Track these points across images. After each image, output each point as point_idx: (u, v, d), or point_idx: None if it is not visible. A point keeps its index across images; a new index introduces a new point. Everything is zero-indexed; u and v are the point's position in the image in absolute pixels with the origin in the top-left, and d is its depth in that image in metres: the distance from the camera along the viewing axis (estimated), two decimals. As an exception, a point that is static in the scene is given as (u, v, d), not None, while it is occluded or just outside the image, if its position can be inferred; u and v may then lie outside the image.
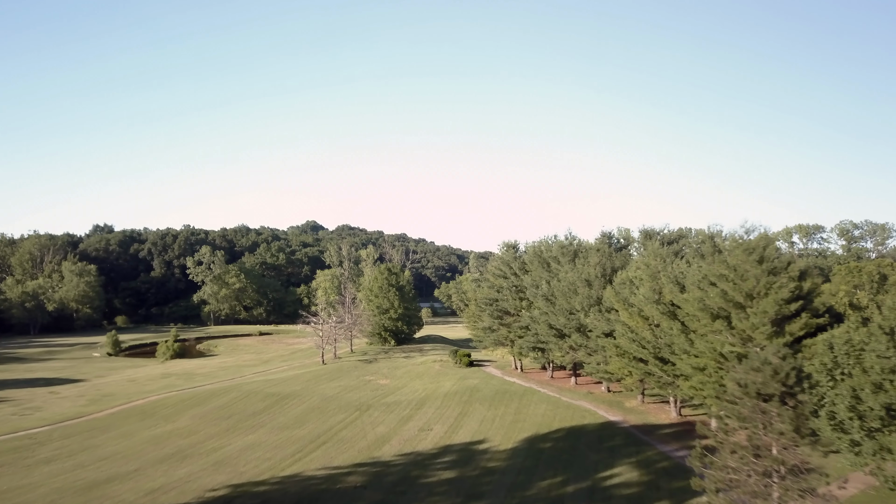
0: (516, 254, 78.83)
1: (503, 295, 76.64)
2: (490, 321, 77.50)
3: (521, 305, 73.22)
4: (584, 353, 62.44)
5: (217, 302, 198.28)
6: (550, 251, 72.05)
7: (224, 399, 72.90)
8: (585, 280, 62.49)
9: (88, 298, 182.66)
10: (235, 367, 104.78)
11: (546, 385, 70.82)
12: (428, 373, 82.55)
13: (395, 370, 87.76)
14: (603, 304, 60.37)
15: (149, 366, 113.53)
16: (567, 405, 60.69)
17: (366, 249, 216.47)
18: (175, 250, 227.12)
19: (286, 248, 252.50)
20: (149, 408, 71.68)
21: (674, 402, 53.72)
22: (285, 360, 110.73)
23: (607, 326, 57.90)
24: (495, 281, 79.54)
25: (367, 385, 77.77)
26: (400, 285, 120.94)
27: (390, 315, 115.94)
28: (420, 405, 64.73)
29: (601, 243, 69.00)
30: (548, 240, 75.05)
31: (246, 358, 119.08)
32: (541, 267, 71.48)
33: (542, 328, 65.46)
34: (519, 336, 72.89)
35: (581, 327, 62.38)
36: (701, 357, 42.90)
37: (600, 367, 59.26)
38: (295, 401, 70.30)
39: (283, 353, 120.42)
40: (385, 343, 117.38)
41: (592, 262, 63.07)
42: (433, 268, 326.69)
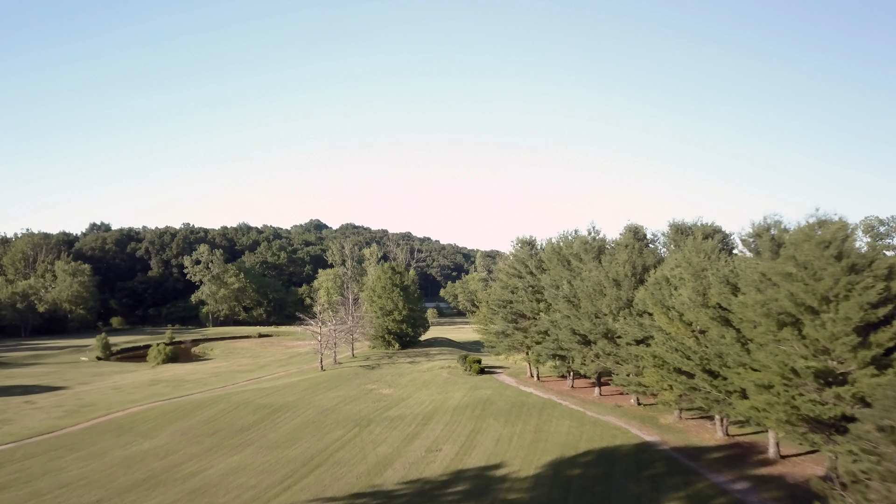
0: (532, 251, 71.76)
1: (518, 296, 69.60)
2: (504, 325, 70.45)
3: (538, 308, 66.22)
4: (613, 362, 55.44)
5: (215, 302, 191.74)
6: (571, 248, 65.02)
7: (211, 411, 66.10)
8: (613, 280, 55.48)
9: (82, 299, 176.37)
10: (229, 373, 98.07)
11: (567, 396, 63.81)
12: (435, 381, 75.62)
13: (400, 378, 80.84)
14: (634, 306, 53.37)
15: (138, 371, 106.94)
16: (594, 421, 53.63)
17: (369, 248, 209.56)
18: (173, 249, 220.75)
19: (287, 247, 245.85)
20: (127, 421, 64.95)
21: (720, 419, 46.57)
22: (282, 366, 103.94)
23: (640, 332, 50.87)
24: (509, 281, 72.50)
25: (368, 395, 70.90)
26: (404, 285, 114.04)
27: (394, 317, 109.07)
28: (427, 420, 57.80)
29: (627, 238, 61.96)
30: (567, 235, 68.05)
31: (241, 362, 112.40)
32: (561, 265, 64.47)
33: (563, 334, 58.44)
34: (536, 342, 65.89)
35: (609, 333, 55.37)
36: (764, 372, 35.79)
37: (632, 378, 52.20)
38: (288, 414, 63.47)
39: (281, 358, 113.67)
40: (389, 347, 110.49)
41: (621, 260, 56.03)
42: (438, 267, 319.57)
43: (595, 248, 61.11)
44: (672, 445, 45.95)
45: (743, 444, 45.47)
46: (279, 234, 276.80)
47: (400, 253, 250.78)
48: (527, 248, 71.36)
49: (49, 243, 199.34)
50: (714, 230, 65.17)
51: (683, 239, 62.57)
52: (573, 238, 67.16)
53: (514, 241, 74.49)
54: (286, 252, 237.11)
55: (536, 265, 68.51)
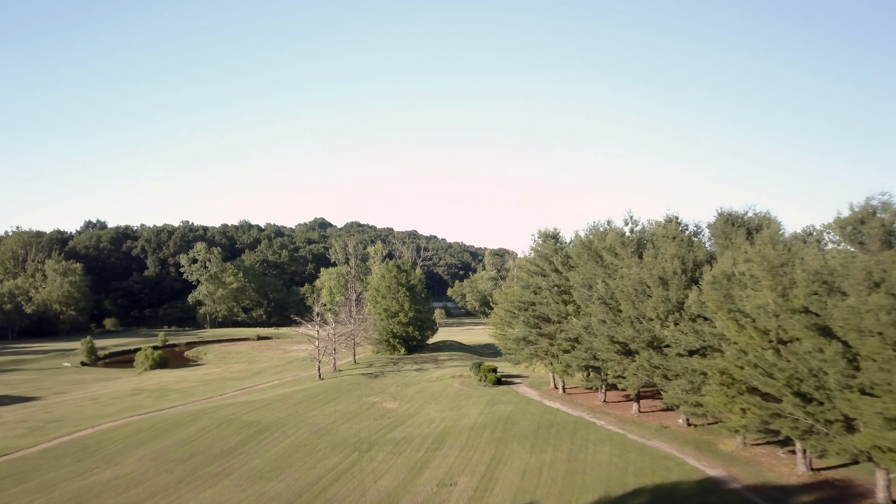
0: (557, 245, 62.87)
1: (542, 297, 60.72)
2: (525, 330, 61.56)
3: (566, 311, 57.36)
4: (661, 376, 46.62)
5: (213, 303, 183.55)
6: (604, 241, 56.19)
7: (189, 430, 57.54)
8: (659, 278, 46.64)
9: (73, 300, 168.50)
10: (219, 381, 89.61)
11: (600, 414, 54.97)
12: (446, 393, 66.87)
13: (406, 389, 72.12)
14: (686, 310, 44.54)
15: (123, 378, 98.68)
16: (639, 447, 44.77)
17: (374, 246, 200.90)
18: (170, 248, 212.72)
19: (289, 245, 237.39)
20: (94, 442, 56.46)
21: (803, 449, 37.60)
22: (278, 373, 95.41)
23: (696, 341, 42.03)
24: (531, 280, 63.64)
25: (370, 410, 62.22)
26: (411, 284, 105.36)
27: (400, 319, 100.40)
28: (438, 444, 49.05)
29: (671, 229, 53.10)
30: (598, 227, 59.14)
31: (235, 368, 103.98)
32: (592, 262, 55.64)
33: (599, 341, 49.57)
34: (564, 350, 57.05)
35: (654, 341, 46.54)
36: (889, 399, 26.94)
37: (686, 396, 43.37)
38: (277, 434, 54.83)
39: (278, 363, 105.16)
40: (394, 352, 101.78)
41: (668, 255, 47.17)
42: (445, 265, 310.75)
43: (634, 242, 52.25)
44: (744, 483, 37.03)
45: (835, 482, 36.54)
46: (281, 232, 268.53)
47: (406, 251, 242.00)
48: (551, 243, 62.39)
49: (41, 242, 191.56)
50: (769, 220, 56.31)
51: (735, 231, 53.72)
52: (605, 229, 58.31)
53: (534, 234, 65.72)
54: (287, 250, 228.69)
55: (562, 262, 59.65)
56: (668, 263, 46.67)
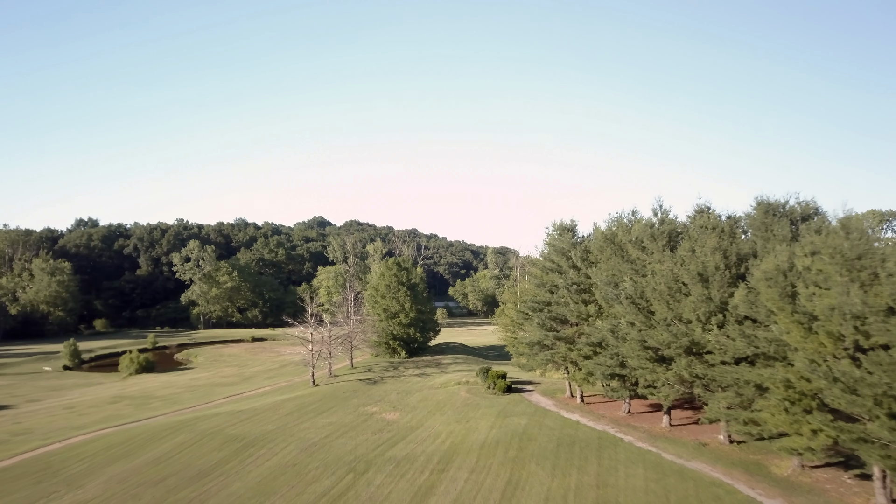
0: (575, 239, 56.74)
1: (559, 296, 54.56)
2: (540, 333, 55.34)
3: (587, 312, 51.22)
4: (702, 386, 40.58)
5: (206, 303, 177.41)
6: (629, 234, 50.18)
7: (166, 445, 51.46)
8: (698, 275, 40.58)
9: (61, 300, 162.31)
10: (207, 388, 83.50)
11: (627, 427, 48.89)
12: (451, 402, 60.80)
13: (407, 397, 66.04)
14: (731, 311, 38.51)
15: (105, 384, 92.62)
16: (678, 470, 38.70)
17: (373, 244, 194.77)
18: (163, 246, 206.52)
19: (286, 244, 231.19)
20: (59, 459, 50.39)
21: (882, 475, 31.50)
22: (270, 378, 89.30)
23: (747, 347, 35.97)
24: (546, 277, 57.48)
25: (367, 422, 56.14)
26: (412, 283, 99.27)
27: (400, 320, 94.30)
28: (445, 463, 42.98)
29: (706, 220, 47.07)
30: (621, 217, 53.08)
31: (225, 373, 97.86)
32: (617, 257, 49.58)
33: (629, 347, 43.45)
34: (585, 356, 50.91)
35: (694, 347, 40.48)
36: None
37: (735, 412, 37.30)
38: (264, 450, 48.75)
39: (271, 367, 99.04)
40: (394, 355, 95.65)
41: (708, 247, 41.11)
42: (446, 264, 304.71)
43: (665, 234, 46.17)
44: (814, 519, 31.05)
45: (925, 518, 30.54)
46: (279, 231, 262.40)
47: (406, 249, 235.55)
48: (568, 236, 56.19)
49: (29, 240, 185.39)
50: (814, 209, 50.33)
51: (777, 222, 47.70)
52: (630, 221, 52.27)
53: (548, 227, 59.55)
54: (284, 249, 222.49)
55: (582, 257, 53.53)
56: (709, 258, 40.61)
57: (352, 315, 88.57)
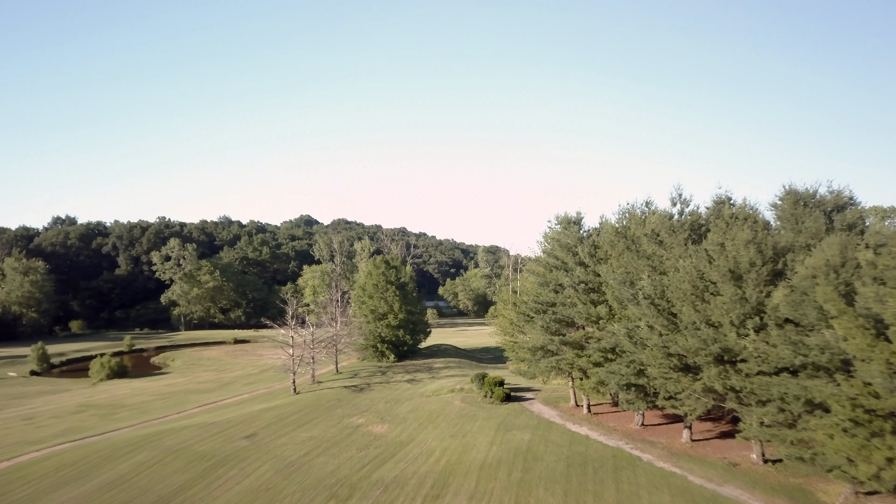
0: (581, 232, 51.44)
1: (565, 296, 49.22)
2: (544, 337, 49.89)
3: (597, 313, 45.93)
4: (735, 400, 35.40)
5: (188, 303, 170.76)
6: (643, 227, 45.00)
7: (124, 466, 45.65)
8: (729, 272, 35.41)
9: (34, 300, 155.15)
10: (180, 395, 77.56)
11: (642, 443, 43.66)
12: (445, 413, 55.35)
13: (396, 406, 60.56)
14: (770, 313, 33.37)
15: (73, 390, 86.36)
16: (709, 497, 33.47)
17: (361, 242, 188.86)
18: (143, 245, 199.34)
19: (271, 242, 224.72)
20: (3, 482, 44.46)
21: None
22: (250, 384, 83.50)
23: (794, 355, 30.79)
24: (549, 275, 52.14)
25: (352, 436, 50.58)
26: (401, 282, 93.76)
27: (389, 321, 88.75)
28: (440, 488, 37.54)
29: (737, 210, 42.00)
30: (634, 209, 47.86)
31: (202, 378, 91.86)
32: (630, 252, 44.36)
33: (649, 354, 38.20)
34: (595, 362, 45.62)
35: (726, 354, 35.28)
36: None
37: (779, 431, 32.14)
38: (234, 471, 43.10)
39: (251, 372, 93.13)
40: (382, 359, 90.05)
41: (740, 240, 35.93)
42: (436, 263, 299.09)
43: (686, 226, 40.99)
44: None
45: None
46: (263, 228, 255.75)
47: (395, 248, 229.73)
48: (574, 230, 50.83)
49: (2, 239, 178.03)
50: (848, 199, 45.47)
51: (808, 213, 42.78)
52: (644, 212, 47.07)
53: (551, 220, 54.24)
54: (269, 247, 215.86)
55: (590, 253, 48.24)
56: (742, 252, 35.44)
57: (337, 316, 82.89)
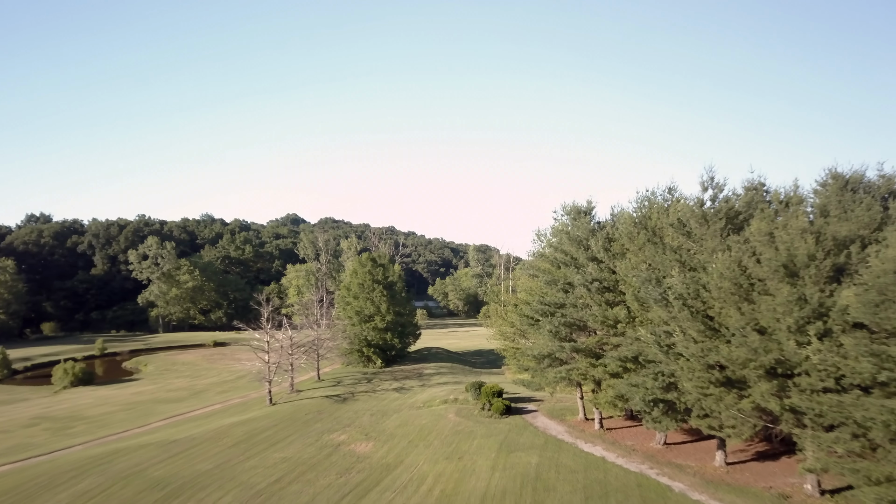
0: (593, 224, 45.23)
1: (576, 296, 42.96)
2: (552, 343, 43.61)
3: (614, 316, 39.77)
4: (793, 421, 29.32)
5: (166, 304, 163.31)
6: (667, 216, 38.93)
7: (63, 497, 38.94)
8: (783, 267, 29.34)
9: (3, 302, 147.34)
10: (147, 405, 70.74)
11: (669, 467, 37.54)
12: (438, 429, 48.98)
13: (383, 420, 54.15)
14: (833, 317, 27.33)
15: (32, 399, 79.27)
16: (765, 542, 27.41)
17: (347, 240, 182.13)
18: (121, 243, 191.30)
19: (255, 240, 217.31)
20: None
21: None
22: (224, 391, 76.78)
23: (875, 369, 24.77)
24: (557, 272, 45.87)
25: (332, 457, 44.11)
26: (389, 282, 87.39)
27: (375, 324, 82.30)
28: (435, 527, 31.26)
29: (789, 196, 36.05)
30: (656, 195, 41.76)
31: (174, 385, 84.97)
32: (652, 245, 38.25)
33: (686, 366, 32.05)
34: (612, 373, 39.50)
35: (780, 367, 29.21)
36: None
37: (867, 467, 26.06)
38: (191, 504, 36.63)
39: (226, 379, 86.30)
40: (368, 364, 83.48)
41: (795, 229, 29.89)
42: (425, 262, 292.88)
43: (721, 215, 34.90)
44: None
45: None
46: (248, 227, 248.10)
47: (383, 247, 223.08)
48: (584, 221, 44.57)
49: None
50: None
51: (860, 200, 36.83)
52: (667, 199, 40.98)
53: (557, 211, 47.98)
54: (252, 245, 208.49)
55: (604, 246, 42.08)
56: (798, 244, 29.37)
57: (319, 318, 76.33)
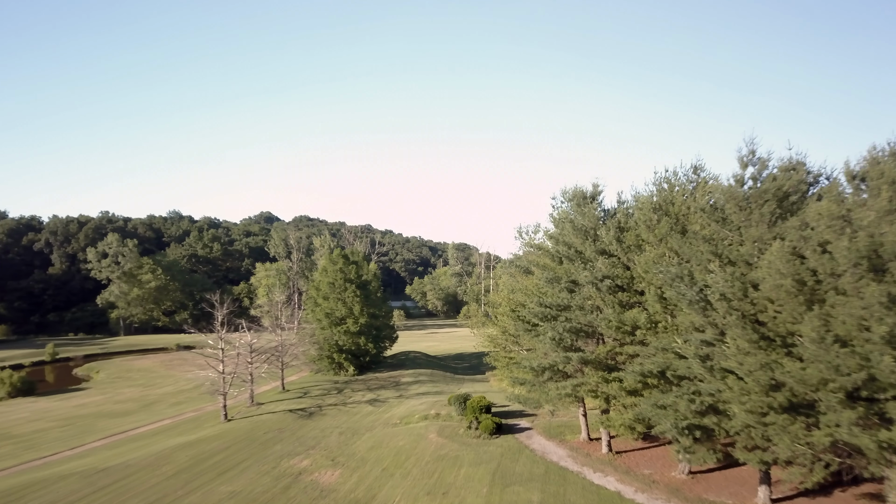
0: (600, 211, 38.24)
1: (583, 296, 35.85)
2: (555, 353, 36.35)
3: (633, 321, 32.77)
4: (885, 461, 22.63)
5: (127, 305, 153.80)
6: (694, 199, 32.13)
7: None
8: (866, 259, 22.63)
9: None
10: (88, 421, 62.44)
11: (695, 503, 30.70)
12: (417, 453, 41.69)
13: (354, 440, 46.70)
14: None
15: (-41, 414, 70.45)
16: None
17: (320, 238, 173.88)
18: (81, 241, 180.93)
19: (224, 238, 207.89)
20: None
21: None
22: (177, 403, 68.70)
23: None
24: (558, 269, 38.77)
25: (290, 491, 36.57)
26: (363, 280, 79.88)
27: (348, 327, 74.76)
28: None
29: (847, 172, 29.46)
30: (677, 176, 34.91)
31: (124, 396, 76.56)
32: (678, 235, 31.40)
33: (739, 388, 25.21)
34: (629, 391, 32.58)
35: (867, 389, 22.50)
36: None
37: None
38: (105, 561, 28.96)
39: (183, 388, 78.06)
40: (339, 371, 75.79)
41: (879, 211, 23.21)
42: (403, 261, 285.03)
43: (770, 196, 28.13)
44: None
45: None
46: (216, 224, 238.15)
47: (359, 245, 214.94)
48: (592, 208, 37.58)
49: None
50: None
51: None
52: (692, 180, 34.17)
53: (557, 197, 40.96)
54: (221, 243, 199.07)
55: (616, 236, 35.16)
56: (883, 230, 22.69)
57: (282, 321, 68.58)
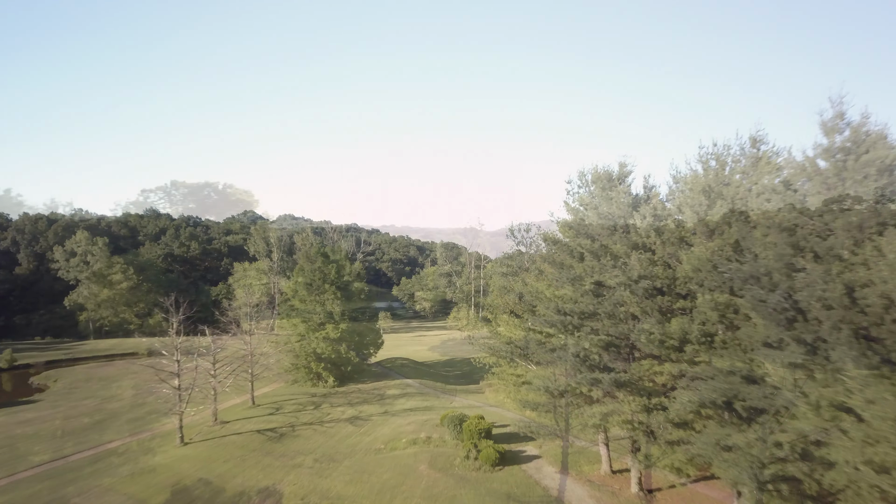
0: (630, 193, 31.16)
1: (615, 300, 28.56)
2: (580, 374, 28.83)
3: (682, 333, 25.58)
4: None
5: (96, 307, 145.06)
6: (755, 177, 25.19)
7: None
8: None
9: None
10: (26, 443, 54.49)
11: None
12: (407, 493, 34.38)
13: (331, 469, 39.33)
14: None
15: None
16: None
17: (301, 235, 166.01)
18: (49, 239, 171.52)
19: (202, 236, 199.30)
20: None
21: None
22: (134, 420, 60.98)
23: None
24: (580, 267, 31.49)
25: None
26: (344, 282, 72.39)
27: (327, 333, 67.21)
28: None
29: None
30: (731, 150, 27.99)
31: (78, 410, 68.59)
32: (744, 224, 24.37)
33: (861, 434, 18.29)
34: (679, 422, 25.55)
35: None
36: None
37: None
38: None
39: (144, 401, 69.78)
40: (317, 383, 68.15)
41: None
42: (389, 261, 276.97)
43: (875, 171, 21.21)
44: None
45: None
46: (195, 222, 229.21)
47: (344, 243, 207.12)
48: (623, 191, 30.51)
49: None
50: None
51: None
52: (753, 155, 27.28)
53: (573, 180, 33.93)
54: (199, 242, 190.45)
55: (654, 227, 28.18)
56: None
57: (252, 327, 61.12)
